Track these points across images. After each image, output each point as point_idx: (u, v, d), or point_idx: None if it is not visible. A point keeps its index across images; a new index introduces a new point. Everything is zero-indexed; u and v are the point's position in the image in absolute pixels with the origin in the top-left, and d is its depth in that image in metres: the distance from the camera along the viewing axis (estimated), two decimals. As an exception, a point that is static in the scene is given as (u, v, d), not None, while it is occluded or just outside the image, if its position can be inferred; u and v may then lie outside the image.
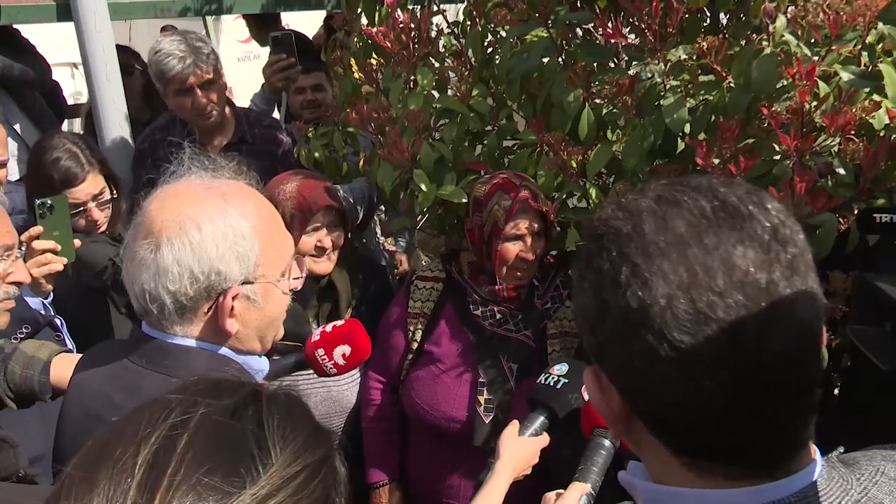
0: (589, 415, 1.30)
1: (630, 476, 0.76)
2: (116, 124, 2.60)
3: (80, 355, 1.69)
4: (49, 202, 1.86)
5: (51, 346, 1.63)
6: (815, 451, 0.69)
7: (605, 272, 0.65)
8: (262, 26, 3.55)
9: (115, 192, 2.29)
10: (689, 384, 0.61)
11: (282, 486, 0.57)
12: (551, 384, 1.38)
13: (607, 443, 1.27)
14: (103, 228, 2.25)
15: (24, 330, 1.85)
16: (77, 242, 1.91)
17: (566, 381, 1.37)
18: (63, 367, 1.58)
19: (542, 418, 1.39)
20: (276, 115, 3.01)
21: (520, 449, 1.35)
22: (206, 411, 0.60)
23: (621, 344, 0.64)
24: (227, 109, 2.58)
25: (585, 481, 1.23)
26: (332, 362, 1.42)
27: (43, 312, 1.90)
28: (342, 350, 1.42)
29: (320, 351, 1.43)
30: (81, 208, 2.19)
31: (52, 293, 1.94)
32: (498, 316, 1.89)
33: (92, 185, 2.20)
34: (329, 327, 1.45)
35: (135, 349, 1.15)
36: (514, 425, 1.41)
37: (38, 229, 1.84)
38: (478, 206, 1.85)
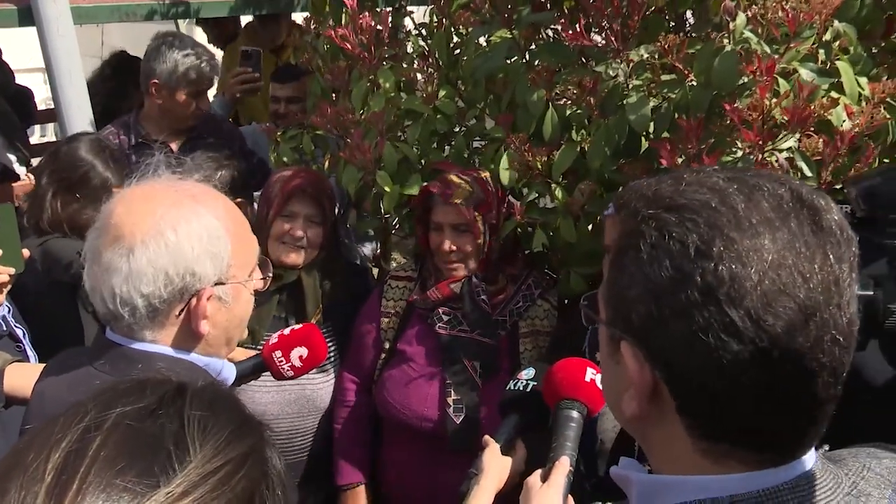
0: (553, 388, 1.30)
1: (623, 470, 0.76)
2: (81, 127, 2.57)
3: (35, 364, 1.67)
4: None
5: (4, 355, 1.61)
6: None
7: (689, 243, 0.64)
8: (221, 32, 3.60)
9: None
10: (754, 360, 0.62)
11: (199, 482, 0.56)
12: (520, 389, 1.39)
13: (576, 414, 1.27)
14: None
15: None
16: (26, 252, 1.86)
17: (534, 384, 1.37)
18: (17, 376, 1.56)
19: (514, 424, 1.40)
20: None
21: (503, 463, 1.35)
22: (123, 412, 0.59)
23: (691, 316, 0.64)
24: None
25: (564, 456, 1.24)
26: (289, 364, 1.43)
27: (3, 325, 1.87)
28: (299, 352, 1.42)
29: (277, 353, 1.43)
30: None
31: (9, 306, 1.90)
32: (445, 318, 1.90)
33: None
34: (287, 330, 1.46)
35: (99, 356, 1.13)
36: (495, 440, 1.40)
37: None
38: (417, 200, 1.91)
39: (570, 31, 1.61)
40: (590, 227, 1.85)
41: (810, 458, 0.69)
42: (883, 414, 1.32)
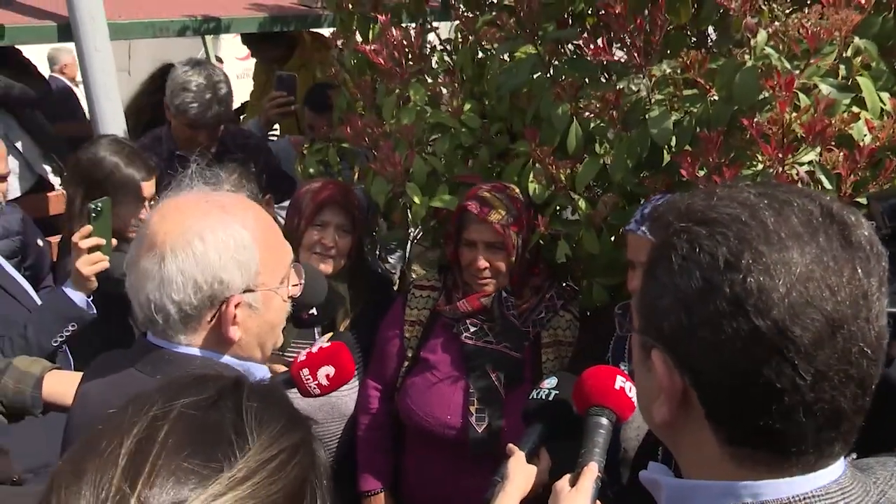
0: (583, 394, 1.32)
1: (652, 474, 0.77)
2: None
3: (73, 373, 1.71)
4: (100, 205, 1.95)
5: (43, 362, 1.66)
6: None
7: (719, 255, 0.67)
8: (262, 45, 3.64)
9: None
10: (783, 369, 0.65)
11: (258, 468, 0.61)
12: (543, 398, 1.41)
13: (605, 421, 1.29)
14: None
15: (70, 328, 1.91)
16: (115, 242, 1.97)
17: (557, 392, 1.40)
18: (55, 382, 1.60)
19: (538, 432, 1.41)
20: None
21: (528, 471, 1.36)
22: (186, 402, 0.64)
23: (720, 326, 0.66)
24: None
25: (592, 462, 1.25)
26: (316, 382, 1.45)
27: (92, 308, 1.95)
28: (326, 371, 1.45)
29: (305, 371, 1.46)
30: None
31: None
32: (472, 329, 1.92)
33: (153, 187, 2.23)
34: (315, 348, 1.49)
35: (140, 358, 1.18)
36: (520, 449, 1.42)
37: (88, 229, 1.93)
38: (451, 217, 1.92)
39: (593, 47, 1.65)
40: (612, 238, 1.87)
41: (839, 467, 0.70)
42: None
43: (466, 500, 1.71)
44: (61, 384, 1.58)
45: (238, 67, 6.53)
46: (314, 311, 1.89)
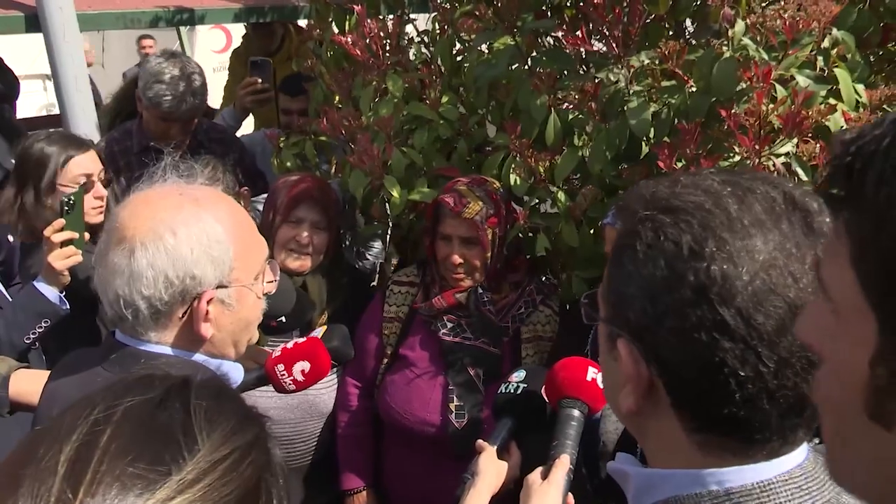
0: (555, 386, 1.31)
1: (620, 465, 0.77)
2: (86, 133, 2.59)
3: (40, 371, 1.68)
4: (72, 198, 1.91)
5: (9, 361, 1.62)
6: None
7: (683, 243, 0.67)
8: (261, 38, 3.58)
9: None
10: (746, 356, 0.65)
11: (209, 469, 0.58)
12: (512, 391, 1.40)
13: (577, 412, 1.29)
14: (100, 220, 2.15)
15: (43, 324, 1.87)
16: (87, 236, 1.93)
17: (525, 385, 1.39)
18: (22, 381, 1.57)
19: (507, 427, 1.40)
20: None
21: (499, 467, 1.35)
22: (130, 404, 0.61)
23: (685, 314, 0.66)
24: None
25: (564, 454, 1.24)
26: (291, 378, 1.43)
27: (66, 304, 1.91)
28: (301, 366, 1.43)
29: (280, 367, 1.44)
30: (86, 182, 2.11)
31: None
32: (449, 325, 1.91)
33: (96, 161, 2.14)
34: (290, 344, 1.46)
35: (108, 356, 1.14)
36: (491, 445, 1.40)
37: (61, 222, 1.88)
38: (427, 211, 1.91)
39: (570, 38, 1.64)
40: (591, 231, 1.87)
41: (802, 452, 0.71)
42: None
43: (448, 497, 1.70)
44: (29, 383, 1.55)
45: (214, 60, 6.44)
46: (282, 318, 1.87)
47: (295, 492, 1.23)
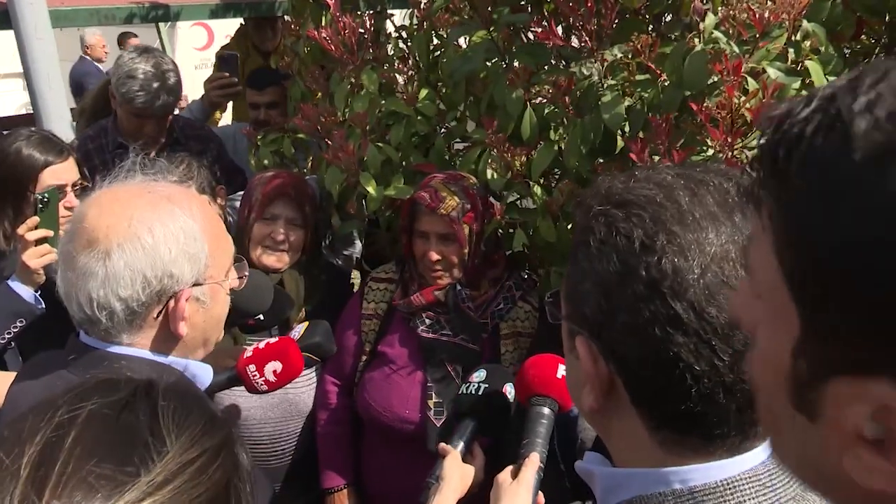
0: (525, 383, 1.30)
1: (587, 465, 0.77)
2: (60, 131, 2.55)
3: (6, 373, 1.65)
4: (46, 196, 1.89)
5: None
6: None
7: (634, 237, 0.66)
8: (261, 34, 3.54)
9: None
10: (701, 351, 0.64)
11: (178, 471, 0.57)
12: (473, 392, 1.38)
13: (546, 410, 1.28)
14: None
15: (18, 324, 1.84)
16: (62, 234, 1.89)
17: (486, 385, 1.37)
18: None
19: (470, 428, 1.39)
20: None
21: (464, 471, 1.34)
22: (95, 406, 0.60)
23: (638, 310, 0.65)
24: None
25: (534, 452, 1.24)
26: (263, 378, 1.42)
27: (41, 303, 1.88)
28: (273, 366, 1.41)
29: (251, 367, 1.42)
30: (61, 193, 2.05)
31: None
32: (428, 322, 1.90)
33: (72, 170, 2.09)
34: (262, 344, 1.45)
35: (74, 360, 1.13)
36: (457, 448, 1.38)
37: (35, 220, 1.86)
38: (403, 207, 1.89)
39: (542, 31, 1.63)
40: (569, 226, 1.86)
41: (766, 449, 0.70)
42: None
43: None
44: None
45: (195, 58, 6.40)
46: (261, 315, 1.86)
47: (263, 493, 1.21)
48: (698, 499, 0.66)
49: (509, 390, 1.39)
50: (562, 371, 1.29)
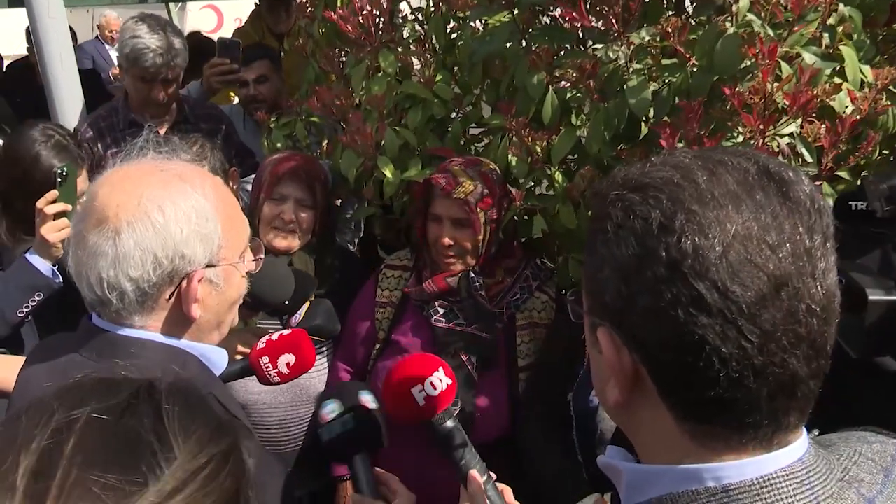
0: (401, 419, 1.24)
1: (611, 460, 0.74)
2: (73, 113, 2.53)
3: (16, 357, 1.64)
4: (65, 170, 1.88)
5: None
6: (803, 429, 0.69)
7: (652, 219, 0.64)
8: (276, 16, 3.50)
9: None
10: (727, 332, 0.62)
11: (188, 479, 0.54)
12: (341, 430, 1.26)
13: (449, 424, 1.23)
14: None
15: (36, 297, 1.83)
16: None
17: (348, 413, 1.26)
18: None
19: (364, 463, 1.30)
20: None
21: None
22: (94, 409, 0.56)
23: (659, 292, 0.63)
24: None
25: (471, 471, 1.20)
26: (276, 370, 1.39)
27: (59, 278, 1.86)
28: (286, 359, 1.39)
29: (265, 359, 1.39)
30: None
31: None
32: (441, 311, 1.86)
33: (84, 181, 2.03)
34: (276, 335, 1.42)
35: (85, 342, 1.10)
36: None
37: (54, 194, 1.85)
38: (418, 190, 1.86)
39: (565, 11, 1.58)
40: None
41: (802, 444, 0.68)
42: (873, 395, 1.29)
43: (438, 484, 1.67)
44: (4, 369, 1.50)
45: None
46: (286, 301, 1.82)
47: (278, 478, 1.19)
48: (733, 497, 0.64)
49: (369, 399, 1.29)
50: (415, 391, 1.22)
